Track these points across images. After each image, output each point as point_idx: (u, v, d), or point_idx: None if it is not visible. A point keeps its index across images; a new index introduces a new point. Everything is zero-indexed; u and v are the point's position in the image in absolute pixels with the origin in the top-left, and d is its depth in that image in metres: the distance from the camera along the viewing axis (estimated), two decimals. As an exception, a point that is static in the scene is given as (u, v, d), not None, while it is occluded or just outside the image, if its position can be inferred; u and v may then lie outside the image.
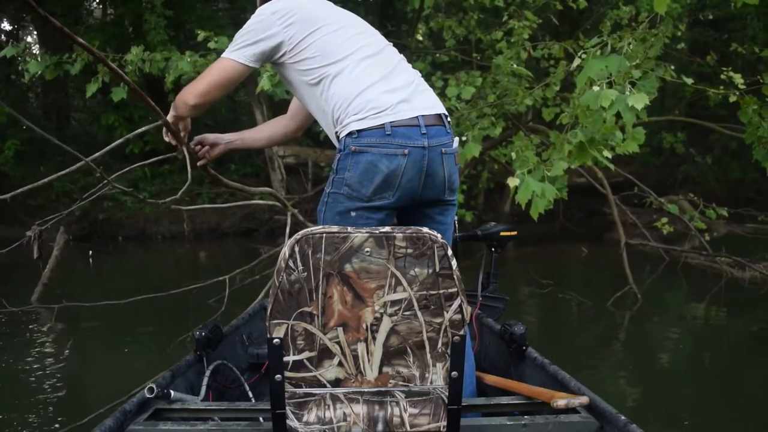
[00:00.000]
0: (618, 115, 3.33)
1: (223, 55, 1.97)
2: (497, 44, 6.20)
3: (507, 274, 2.95)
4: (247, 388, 2.44)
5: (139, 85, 5.38)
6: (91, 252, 8.29)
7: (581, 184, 8.41)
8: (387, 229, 1.45)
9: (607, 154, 4.15)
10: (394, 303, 1.47)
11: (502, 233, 2.94)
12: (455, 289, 1.46)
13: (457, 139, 2.04)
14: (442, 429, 1.53)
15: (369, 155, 1.86)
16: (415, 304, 1.47)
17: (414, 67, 2.14)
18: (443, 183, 1.97)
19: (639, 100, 3.16)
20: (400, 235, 1.44)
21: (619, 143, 4.07)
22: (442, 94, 5.61)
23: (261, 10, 1.96)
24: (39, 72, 5.60)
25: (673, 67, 4.93)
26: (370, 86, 1.91)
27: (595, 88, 3.28)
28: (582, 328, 5.38)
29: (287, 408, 1.51)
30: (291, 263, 1.43)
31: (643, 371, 4.36)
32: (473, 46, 7.50)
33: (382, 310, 1.47)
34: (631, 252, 6.38)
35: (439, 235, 1.46)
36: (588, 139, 4.00)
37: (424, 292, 1.46)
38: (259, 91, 4.49)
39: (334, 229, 1.44)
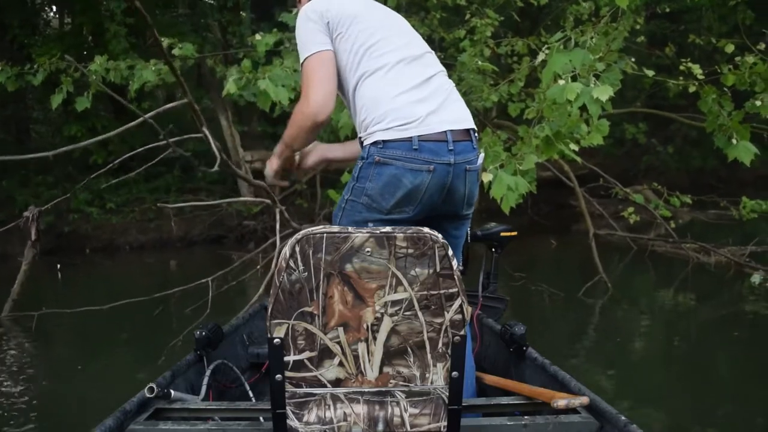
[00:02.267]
0: (583, 108, 3.40)
1: (302, 62, 1.94)
2: (460, 43, 6.25)
3: (480, 269, 2.97)
4: (248, 388, 2.45)
5: (103, 95, 5.35)
6: (59, 266, 8.15)
7: (548, 177, 8.51)
8: (388, 229, 1.46)
9: (574, 147, 4.24)
10: (394, 303, 1.47)
11: (502, 233, 2.94)
12: (456, 289, 1.47)
13: (482, 155, 2.00)
14: (442, 429, 1.54)
15: (393, 168, 1.83)
16: (416, 304, 1.47)
17: None
18: (462, 199, 1.95)
19: (603, 92, 3.23)
20: (401, 235, 1.44)
21: (584, 136, 4.15)
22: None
23: (298, 20, 1.97)
24: (-2, 84, 5.49)
25: (633, 60, 5.04)
26: (401, 93, 1.87)
27: (561, 82, 3.33)
28: (554, 319, 5.46)
29: (287, 408, 1.51)
30: (291, 263, 1.43)
31: (615, 358, 4.44)
32: (436, 45, 7.55)
33: (382, 310, 1.47)
34: (599, 242, 6.47)
35: (439, 235, 1.46)
36: (554, 133, 4.07)
37: (425, 292, 1.47)
38: (225, 96, 4.47)
39: (335, 228, 1.45)
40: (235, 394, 2.44)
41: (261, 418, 1.76)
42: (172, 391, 1.87)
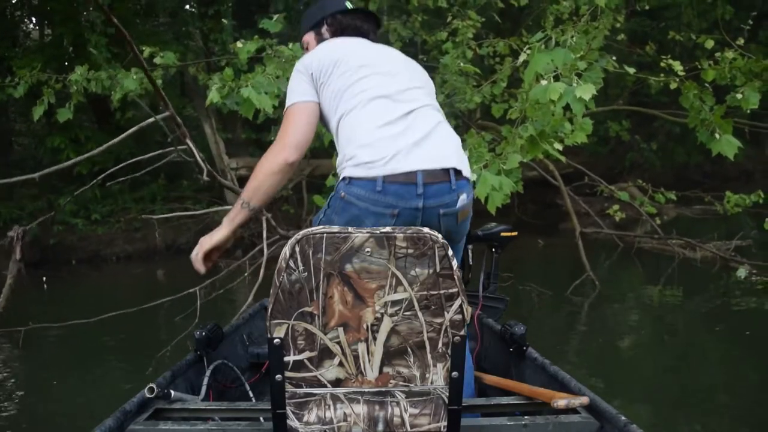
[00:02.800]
0: (567, 107, 3.41)
1: (284, 110, 1.98)
2: (443, 45, 6.26)
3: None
4: (248, 388, 2.45)
5: (84, 106, 5.30)
6: (45, 278, 8.08)
7: (533, 177, 8.53)
8: (388, 229, 1.46)
9: (558, 146, 4.25)
10: (394, 303, 1.47)
11: (502, 234, 2.94)
12: (456, 290, 1.47)
13: (464, 196, 1.89)
14: (442, 429, 1.54)
15: (356, 209, 1.79)
16: (416, 304, 1.47)
17: None
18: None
19: (586, 91, 3.24)
20: (401, 235, 1.45)
21: (568, 134, 4.17)
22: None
23: (293, 72, 2.03)
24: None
25: (614, 58, 5.06)
26: (372, 129, 1.82)
27: (543, 82, 3.34)
28: (543, 318, 5.47)
29: (288, 408, 1.51)
30: (291, 263, 1.43)
31: (605, 354, 4.46)
32: (419, 47, 7.57)
33: (382, 310, 1.47)
34: (586, 240, 6.50)
35: (439, 235, 1.46)
36: (538, 132, 4.09)
37: (425, 293, 1.47)
38: (209, 105, 4.45)
39: (335, 229, 1.45)
40: (235, 394, 2.44)
41: (261, 419, 1.77)
42: (172, 392, 1.87)
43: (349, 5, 2.21)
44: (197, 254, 1.93)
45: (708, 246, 6.32)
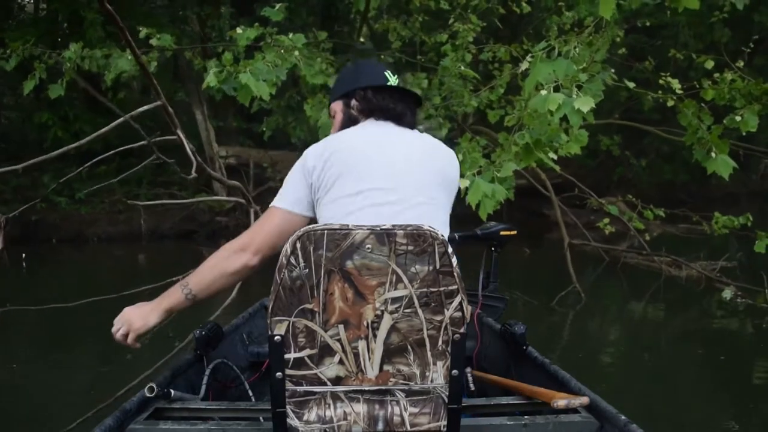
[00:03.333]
0: (564, 118, 3.39)
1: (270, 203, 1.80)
2: (442, 47, 6.24)
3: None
4: (248, 387, 2.44)
5: (74, 83, 5.21)
6: (24, 255, 7.97)
7: (522, 185, 8.53)
8: (388, 225, 1.45)
9: (553, 155, 4.24)
10: (394, 300, 1.46)
11: (502, 233, 2.93)
12: (455, 287, 1.47)
13: None
14: (442, 428, 1.54)
15: None
16: (416, 301, 1.47)
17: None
18: None
19: (585, 103, 3.23)
20: (401, 232, 1.44)
21: (562, 145, 4.16)
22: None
23: (299, 164, 1.77)
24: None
25: (613, 70, 5.06)
26: None
27: (543, 92, 3.32)
28: (529, 327, 5.46)
29: (287, 407, 1.50)
30: (293, 260, 1.42)
31: (587, 367, 4.45)
32: (417, 48, 7.54)
33: (382, 308, 1.46)
34: (571, 252, 6.51)
35: (439, 232, 1.46)
36: (534, 141, 4.07)
37: (425, 290, 1.46)
38: (205, 88, 4.37)
39: (335, 225, 1.45)
40: (235, 394, 2.43)
41: (261, 418, 1.76)
42: (172, 391, 1.86)
43: (389, 77, 1.96)
44: (125, 336, 1.78)
45: (695, 265, 6.35)
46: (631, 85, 4.55)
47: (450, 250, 1.46)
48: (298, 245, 1.42)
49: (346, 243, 1.43)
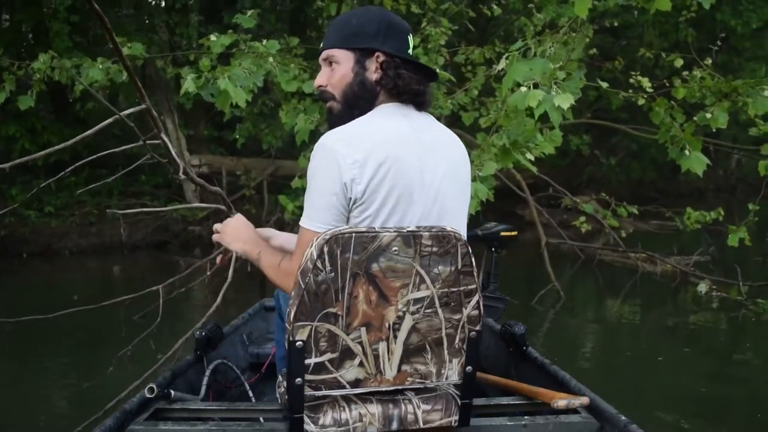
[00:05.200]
0: (540, 119, 3.43)
1: (302, 224, 1.61)
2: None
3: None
4: (247, 388, 2.47)
5: (43, 94, 5.12)
6: (-7, 270, 7.82)
7: (495, 186, 8.58)
8: (413, 228, 1.46)
9: (530, 156, 4.29)
10: (416, 301, 1.47)
11: (502, 233, 2.99)
12: (474, 286, 1.50)
13: None
14: (453, 423, 1.56)
15: None
16: (437, 301, 1.48)
17: None
18: None
19: (565, 100, 3.26)
20: (427, 233, 1.45)
21: (538, 144, 4.21)
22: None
23: (319, 152, 1.58)
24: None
25: (585, 71, 5.13)
26: None
27: (523, 89, 3.35)
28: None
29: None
30: (319, 263, 1.41)
31: (569, 364, 4.49)
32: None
33: (404, 309, 1.47)
34: (548, 251, 6.56)
35: (461, 233, 1.48)
36: (512, 142, 4.11)
37: (446, 290, 1.48)
38: (183, 95, 4.28)
39: (362, 228, 1.44)
40: (235, 394, 2.45)
41: (261, 419, 1.79)
42: (172, 392, 1.87)
43: (410, 43, 1.72)
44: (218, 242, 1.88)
45: (670, 260, 6.46)
46: (605, 85, 4.61)
47: (470, 250, 1.48)
48: (326, 249, 1.40)
49: (373, 246, 1.43)
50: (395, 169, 1.52)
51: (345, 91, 1.67)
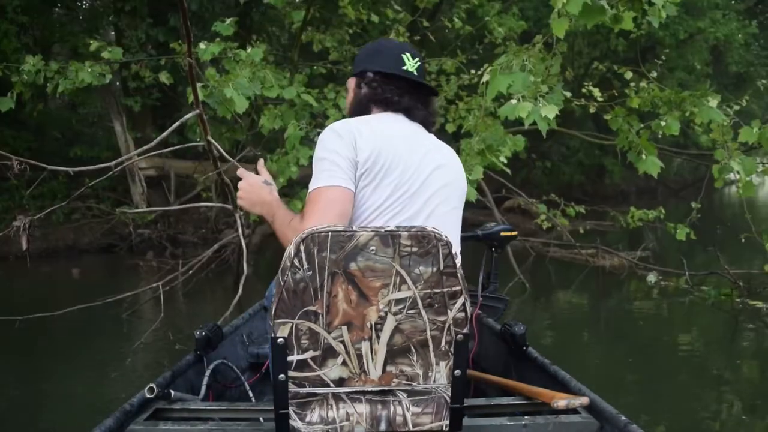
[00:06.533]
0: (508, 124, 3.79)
1: (310, 188, 1.74)
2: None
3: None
4: (248, 388, 2.45)
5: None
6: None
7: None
8: (392, 227, 1.46)
9: (503, 158, 4.69)
10: (398, 301, 1.46)
11: (502, 233, 2.93)
12: (459, 288, 1.47)
13: None
14: (444, 428, 1.54)
15: None
16: (419, 302, 1.47)
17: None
18: None
19: (550, 111, 3.65)
20: (405, 233, 1.44)
21: (507, 148, 4.63)
22: (335, 106, 5.90)
23: (325, 135, 1.75)
24: None
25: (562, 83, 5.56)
26: None
27: (513, 101, 3.72)
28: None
29: (290, 408, 1.49)
30: (296, 262, 1.42)
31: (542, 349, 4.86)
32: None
33: (386, 309, 1.46)
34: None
35: (443, 233, 1.46)
36: (487, 146, 4.51)
37: (429, 291, 1.46)
38: (122, 101, 4.44)
39: (339, 227, 1.45)
40: (235, 394, 2.45)
41: (261, 419, 1.77)
42: (172, 392, 1.86)
43: (406, 61, 1.90)
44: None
45: (622, 255, 7.00)
46: (568, 94, 5.05)
47: (454, 250, 1.47)
48: (302, 247, 1.42)
49: (350, 245, 1.43)
50: (389, 145, 1.73)
51: (349, 110, 1.99)
